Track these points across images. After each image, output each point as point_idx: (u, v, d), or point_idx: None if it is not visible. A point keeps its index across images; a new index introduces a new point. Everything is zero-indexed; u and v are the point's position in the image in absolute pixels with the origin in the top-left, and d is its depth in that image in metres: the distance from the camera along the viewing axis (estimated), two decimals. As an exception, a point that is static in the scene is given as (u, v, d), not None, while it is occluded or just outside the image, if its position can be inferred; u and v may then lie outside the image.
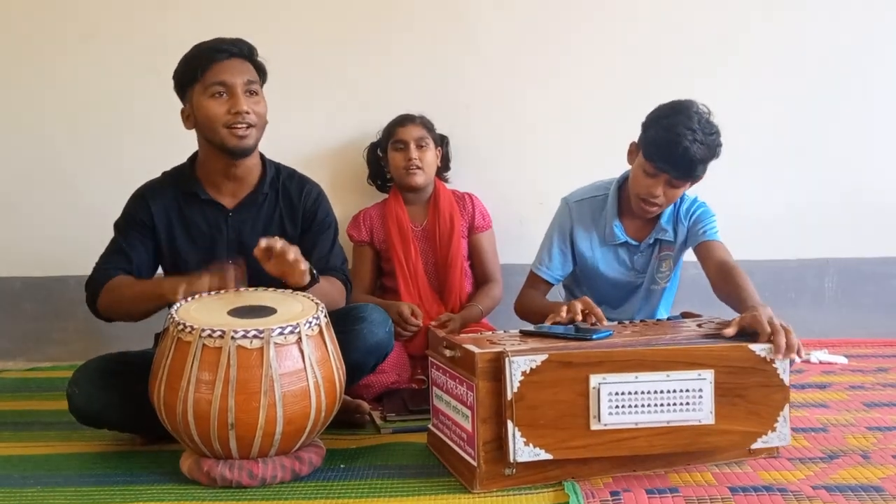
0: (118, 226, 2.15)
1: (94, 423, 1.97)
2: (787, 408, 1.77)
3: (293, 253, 1.86)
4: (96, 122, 3.01)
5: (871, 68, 3.03)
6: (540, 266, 2.39)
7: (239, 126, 2.02)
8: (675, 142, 2.08)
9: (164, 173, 2.20)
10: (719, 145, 2.14)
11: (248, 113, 2.03)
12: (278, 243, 1.85)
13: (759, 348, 1.75)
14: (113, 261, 2.10)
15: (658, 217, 2.30)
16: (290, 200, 2.19)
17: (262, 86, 2.13)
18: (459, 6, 2.98)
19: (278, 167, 2.22)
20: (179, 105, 2.14)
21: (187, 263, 2.12)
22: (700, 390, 1.70)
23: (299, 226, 2.19)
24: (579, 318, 1.94)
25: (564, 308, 1.97)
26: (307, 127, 2.96)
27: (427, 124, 2.77)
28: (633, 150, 2.25)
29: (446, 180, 2.89)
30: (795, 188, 3.06)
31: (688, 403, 1.70)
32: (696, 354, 1.72)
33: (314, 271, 1.96)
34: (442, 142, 2.84)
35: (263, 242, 1.85)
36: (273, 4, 2.97)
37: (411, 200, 2.77)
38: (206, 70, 2.03)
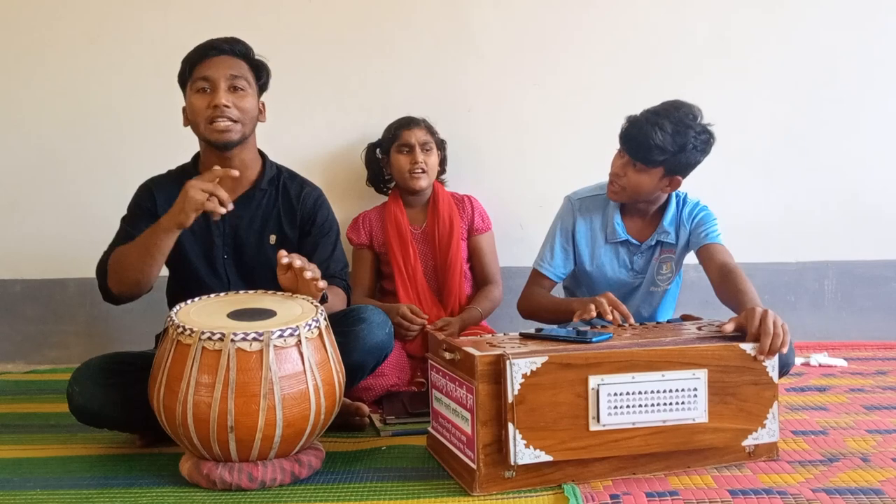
0: (125, 217, 2.18)
1: (93, 422, 1.98)
2: (776, 405, 1.80)
3: (311, 273, 1.85)
4: (97, 125, 3.01)
5: (869, 72, 3.04)
6: (542, 263, 2.40)
7: (219, 120, 2.05)
8: (637, 124, 2.16)
9: (170, 170, 2.24)
10: (690, 144, 2.14)
11: (227, 107, 2.05)
12: (297, 261, 1.85)
13: (749, 347, 1.78)
14: (119, 245, 2.09)
15: (660, 218, 2.31)
16: (289, 201, 2.20)
17: (263, 86, 2.17)
18: (460, 9, 2.98)
19: (280, 168, 2.25)
20: (179, 108, 2.17)
21: (188, 255, 2.15)
22: (695, 389, 1.73)
23: (297, 228, 2.20)
24: (609, 316, 1.98)
25: (592, 306, 1.99)
26: (307, 129, 2.96)
27: (430, 128, 2.78)
28: None
29: (443, 183, 2.89)
30: (794, 191, 3.06)
31: (683, 402, 1.73)
32: (690, 354, 1.74)
33: (326, 293, 1.95)
34: (441, 146, 2.84)
35: (284, 260, 1.85)
36: (273, 7, 2.97)
37: (411, 203, 2.77)
38: (195, 67, 2.09)
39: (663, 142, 2.13)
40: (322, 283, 1.88)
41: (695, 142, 2.15)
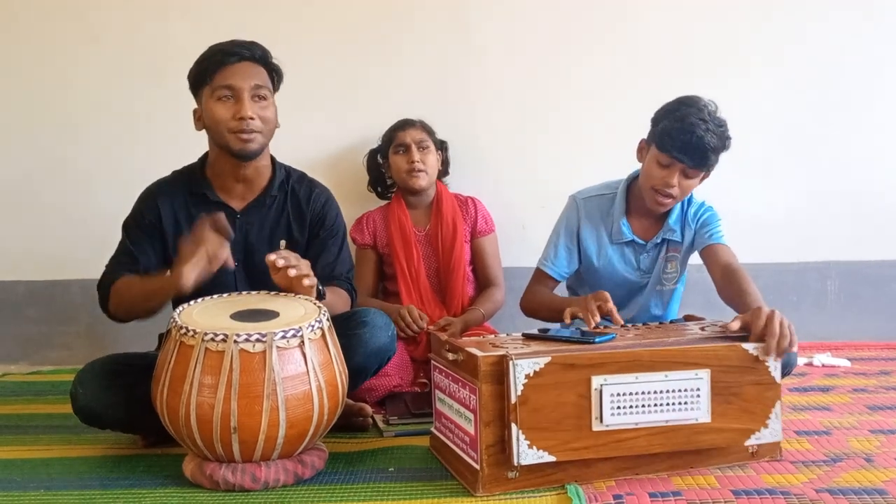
0: (126, 226, 2.16)
1: (97, 423, 1.97)
2: (778, 405, 1.80)
3: (295, 270, 1.85)
4: (99, 126, 3.01)
5: (872, 71, 3.03)
6: (546, 262, 2.39)
7: (244, 131, 2.03)
8: (689, 131, 2.11)
9: (175, 172, 2.21)
10: (729, 137, 2.17)
11: (252, 118, 2.03)
12: (280, 261, 1.84)
13: (751, 347, 1.78)
14: (122, 262, 2.10)
15: (666, 217, 2.31)
16: (299, 204, 2.19)
17: (275, 89, 2.14)
18: (462, 10, 2.98)
19: (288, 170, 2.23)
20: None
21: None
22: (697, 389, 1.73)
23: (307, 230, 2.19)
24: (597, 318, 1.96)
25: (586, 307, 1.99)
26: (310, 130, 2.95)
27: (427, 128, 2.78)
28: (644, 147, 2.26)
29: (446, 185, 2.88)
30: (797, 191, 3.06)
31: (686, 403, 1.73)
32: (693, 354, 1.75)
33: (320, 287, 1.96)
34: (441, 146, 2.84)
35: (272, 257, 1.85)
36: (275, 9, 2.98)
37: (414, 205, 2.77)
38: (216, 73, 2.04)
39: (716, 143, 2.13)
40: (307, 281, 1.86)
41: (728, 133, 2.16)
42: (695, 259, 2.33)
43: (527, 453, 1.65)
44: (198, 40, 2.12)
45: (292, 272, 1.84)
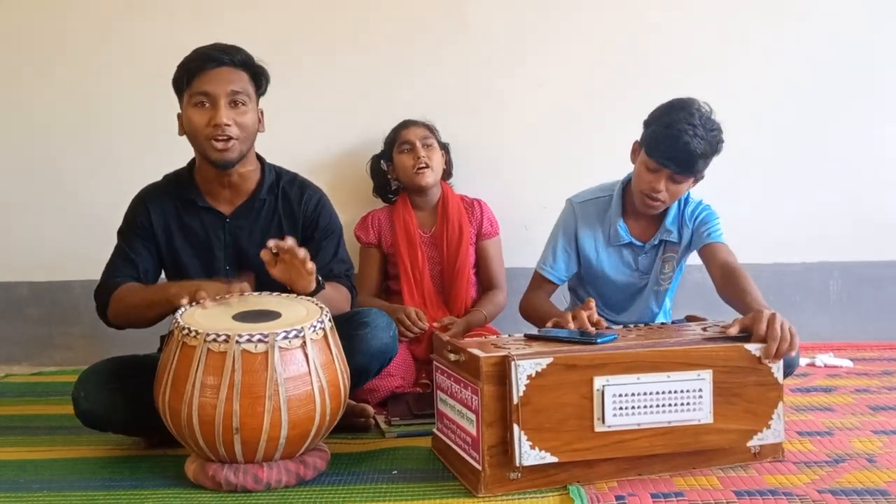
0: (121, 232, 2.15)
1: (99, 427, 1.97)
2: (780, 405, 1.80)
3: (303, 252, 1.84)
4: (101, 128, 3.02)
5: (875, 72, 3.03)
6: (544, 266, 2.39)
7: (219, 138, 2.00)
8: (676, 137, 2.10)
9: (165, 177, 2.20)
10: (720, 141, 2.16)
11: (228, 125, 1.99)
12: (287, 243, 1.83)
13: (754, 348, 1.78)
14: (119, 268, 2.09)
15: (663, 218, 2.31)
16: (290, 206, 2.17)
17: (261, 92, 2.11)
18: (464, 11, 2.98)
19: (279, 172, 2.20)
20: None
21: (187, 269, 2.12)
22: (700, 390, 1.73)
23: (300, 232, 2.16)
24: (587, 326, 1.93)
25: (569, 316, 1.96)
26: (313, 131, 2.96)
27: (430, 126, 2.78)
28: (636, 149, 2.26)
29: (451, 187, 2.88)
30: (800, 192, 3.05)
31: (688, 403, 1.73)
32: (695, 355, 1.75)
33: (319, 278, 1.95)
34: (444, 148, 2.83)
35: (272, 242, 1.84)
36: (279, 10, 2.98)
37: (420, 206, 2.77)
38: (194, 78, 2.01)
39: (704, 149, 2.11)
40: (311, 265, 1.86)
41: (720, 137, 2.15)
42: (695, 259, 2.33)
43: (529, 454, 1.65)
44: (200, 41, 2.10)
45: (301, 254, 1.83)
